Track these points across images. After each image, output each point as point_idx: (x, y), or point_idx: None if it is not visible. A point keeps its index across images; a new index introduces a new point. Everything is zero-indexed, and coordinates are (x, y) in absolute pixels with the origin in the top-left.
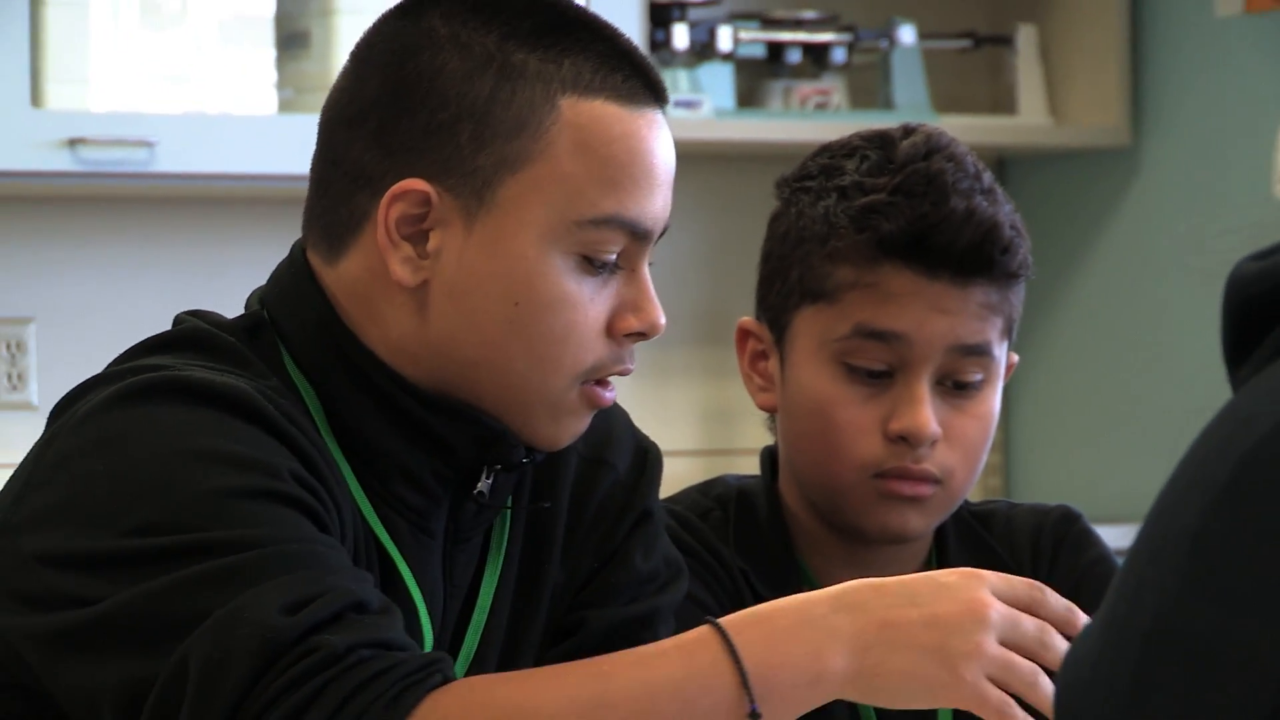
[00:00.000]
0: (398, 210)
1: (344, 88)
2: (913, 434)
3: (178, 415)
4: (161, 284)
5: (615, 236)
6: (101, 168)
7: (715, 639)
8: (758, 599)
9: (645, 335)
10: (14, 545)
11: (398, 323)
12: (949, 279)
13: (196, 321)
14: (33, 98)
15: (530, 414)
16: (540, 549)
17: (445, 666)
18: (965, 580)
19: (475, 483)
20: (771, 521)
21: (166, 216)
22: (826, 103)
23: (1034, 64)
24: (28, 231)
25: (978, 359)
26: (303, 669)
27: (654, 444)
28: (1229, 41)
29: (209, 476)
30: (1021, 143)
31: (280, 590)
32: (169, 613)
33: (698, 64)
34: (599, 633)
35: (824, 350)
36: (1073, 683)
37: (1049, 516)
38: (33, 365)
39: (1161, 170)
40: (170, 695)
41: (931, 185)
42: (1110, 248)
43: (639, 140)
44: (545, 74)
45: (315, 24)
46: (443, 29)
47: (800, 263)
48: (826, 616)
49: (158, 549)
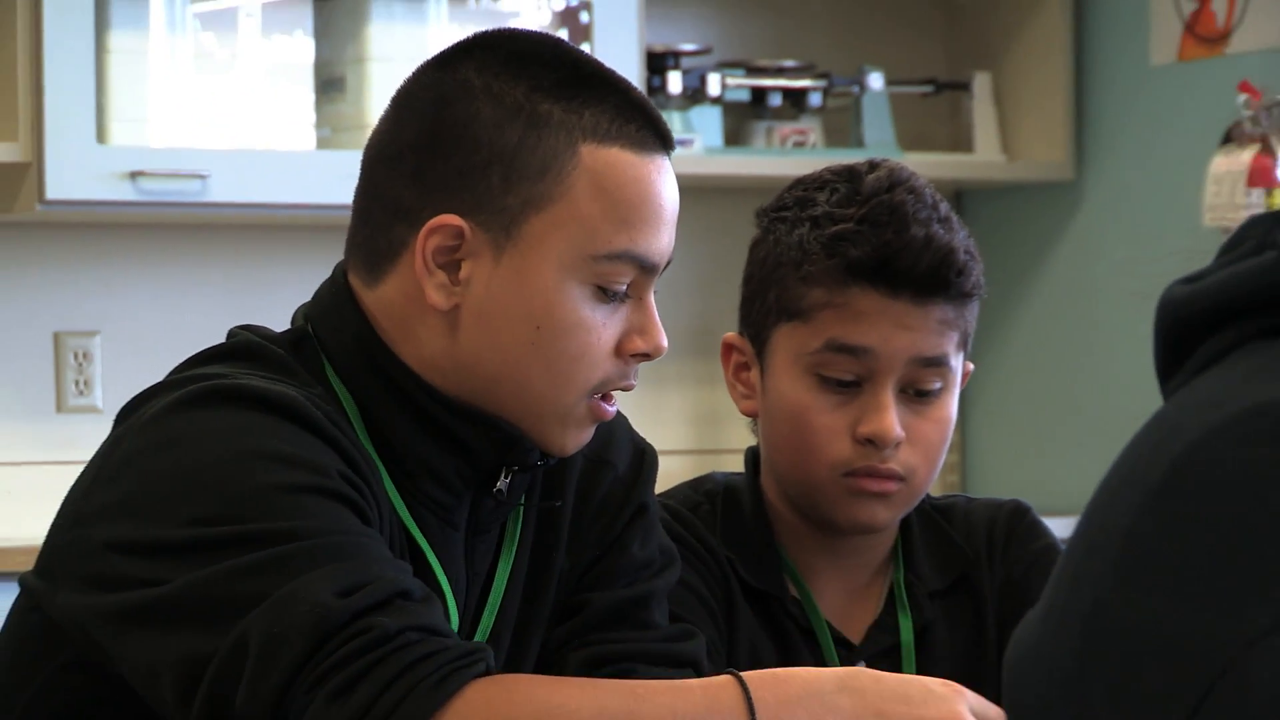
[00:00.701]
0: (434, 242)
1: (385, 130)
2: (879, 437)
3: (234, 419)
4: (212, 301)
5: (626, 269)
6: (159, 198)
7: (736, 688)
8: (742, 584)
9: (650, 356)
10: (85, 534)
11: (430, 341)
12: (910, 298)
13: (248, 335)
14: (98, 135)
15: (544, 424)
16: (549, 540)
17: (488, 656)
18: (951, 693)
19: (494, 482)
20: (754, 514)
21: (217, 241)
22: (804, 141)
23: (988, 107)
24: (94, 254)
25: (937, 369)
26: (356, 647)
27: (650, 445)
28: (1163, 86)
29: (263, 473)
30: (977, 177)
31: (331, 576)
32: (229, 595)
33: (690, 107)
34: (600, 612)
35: (799, 363)
36: (1019, 660)
37: (1002, 510)
38: (98, 373)
39: (1102, 202)
40: (229, 668)
41: (894, 215)
42: (1056, 270)
43: (649, 184)
44: (568, 123)
45: (350, 70)
46: (477, 80)
47: (777, 284)
48: (831, 694)
49: (218, 538)
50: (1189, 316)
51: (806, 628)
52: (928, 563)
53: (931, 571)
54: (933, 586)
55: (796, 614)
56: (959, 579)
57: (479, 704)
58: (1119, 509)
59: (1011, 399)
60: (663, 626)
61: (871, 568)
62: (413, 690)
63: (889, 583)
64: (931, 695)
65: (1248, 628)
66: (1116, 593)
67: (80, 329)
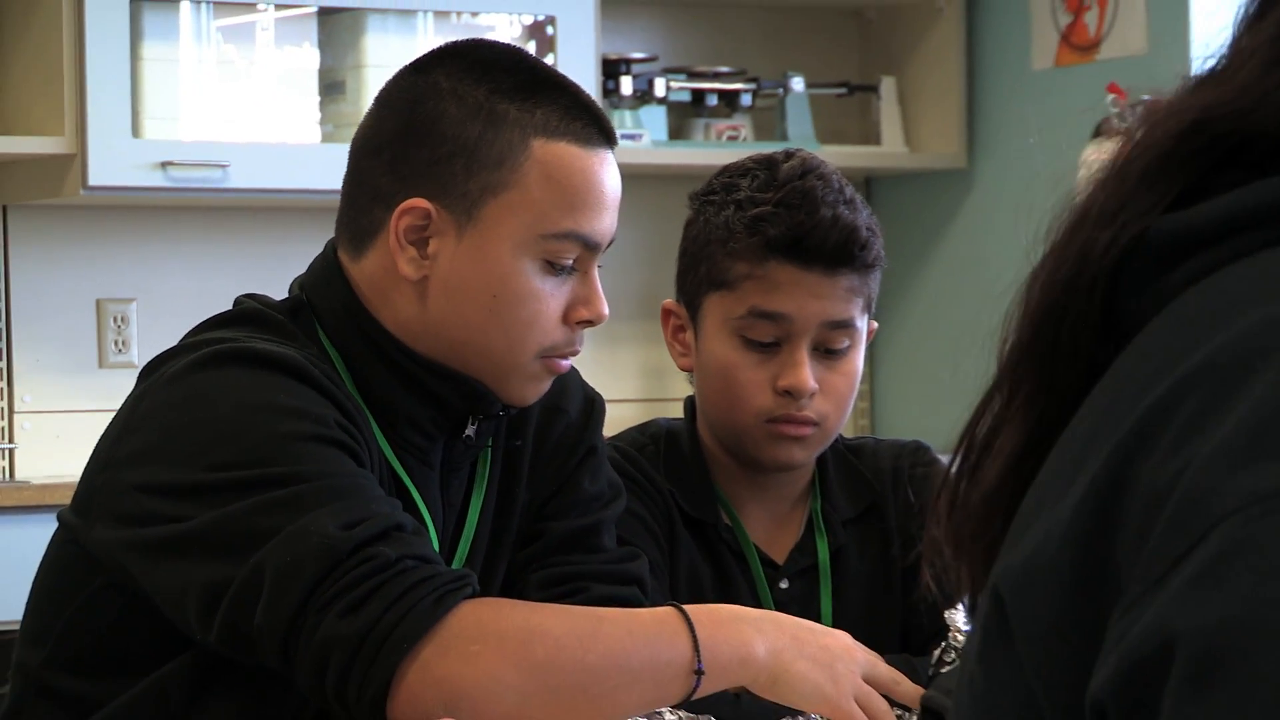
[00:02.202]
0: (405, 222)
1: (368, 125)
2: (795, 389)
3: (244, 377)
4: (231, 272)
5: (572, 247)
6: (186, 184)
7: (679, 615)
8: (682, 514)
9: (593, 323)
10: (115, 477)
11: (404, 308)
12: (821, 270)
13: (252, 303)
14: (133, 130)
15: (503, 379)
16: (513, 477)
17: (474, 581)
18: (846, 638)
19: (464, 428)
20: (692, 454)
21: (235, 221)
22: (737, 136)
23: (893, 106)
24: (130, 232)
25: (845, 330)
26: (361, 572)
27: (599, 394)
28: (1042, 87)
29: (272, 424)
30: (884, 166)
31: (336, 512)
32: (245, 529)
33: (639, 106)
34: (557, 538)
35: (726, 326)
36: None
37: (906, 448)
38: (134, 334)
39: (990, 186)
40: (246, 592)
41: (806, 199)
42: (951, 244)
43: (592, 174)
44: (522, 121)
45: (350, 75)
46: (445, 83)
47: (707, 259)
48: (756, 620)
49: (234, 481)
50: (1187, 231)
51: (737, 551)
52: (841, 494)
53: (844, 502)
54: (845, 515)
55: (729, 539)
56: (868, 508)
57: (470, 621)
58: (1145, 392)
59: (914, 354)
60: (611, 550)
61: (792, 498)
62: (413, 608)
63: (808, 511)
64: (833, 634)
65: (1254, 485)
66: (1136, 456)
67: (119, 296)
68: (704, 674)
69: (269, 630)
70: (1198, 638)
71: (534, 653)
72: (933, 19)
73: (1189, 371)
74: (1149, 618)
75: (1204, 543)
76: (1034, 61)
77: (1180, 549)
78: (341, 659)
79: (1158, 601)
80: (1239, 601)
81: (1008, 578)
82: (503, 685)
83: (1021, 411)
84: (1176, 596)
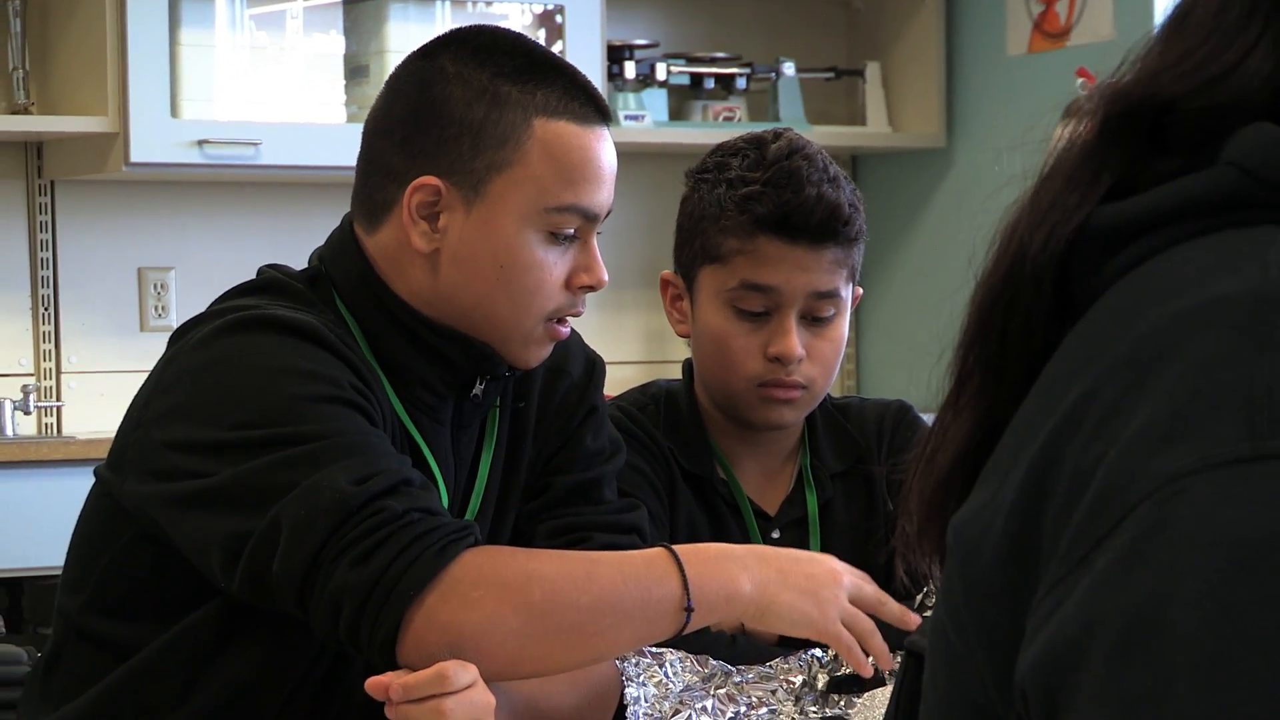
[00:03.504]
0: (417, 198)
1: (380, 108)
2: (784, 356)
3: (266, 342)
4: (262, 242)
5: (572, 218)
6: (221, 161)
7: (669, 556)
8: (681, 469)
9: (593, 288)
10: (145, 435)
11: (416, 278)
12: (807, 245)
13: (274, 272)
14: (172, 111)
15: (509, 343)
16: (520, 436)
17: (476, 531)
18: (832, 561)
19: (472, 388)
20: (689, 413)
21: (266, 196)
22: (733, 116)
23: (878, 89)
24: (169, 206)
25: (830, 299)
26: (371, 524)
27: (600, 356)
28: (1016, 72)
29: (291, 386)
30: (869, 145)
31: (348, 469)
32: (265, 484)
33: (642, 89)
34: (561, 491)
35: (719, 297)
36: (971, 514)
37: (889, 408)
38: (173, 300)
39: (968, 164)
40: (265, 543)
41: (792, 178)
42: (933, 217)
43: (589, 151)
44: (523, 102)
45: (373, 60)
46: (451, 68)
47: (701, 235)
48: (742, 557)
49: (255, 439)
50: (1122, 223)
51: (732, 503)
52: (829, 450)
53: (832, 457)
54: (833, 469)
55: (724, 492)
56: (854, 463)
57: (471, 568)
58: (1076, 378)
59: (897, 319)
60: (612, 501)
61: (783, 454)
62: (419, 557)
63: (798, 466)
64: (816, 561)
65: (1167, 467)
66: (1065, 439)
67: (158, 265)
68: (694, 611)
69: (285, 579)
70: (1118, 618)
71: (532, 596)
72: (915, 8)
73: (1110, 362)
74: (1071, 604)
75: (1123, 525)
76: (1009, 48)
77: (1102, 530)
78: (353, 606)
79: (1082, 584)
80: (1153, 581)
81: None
82: (503, 628)
83: (971, 402)
84: (1099, 579)
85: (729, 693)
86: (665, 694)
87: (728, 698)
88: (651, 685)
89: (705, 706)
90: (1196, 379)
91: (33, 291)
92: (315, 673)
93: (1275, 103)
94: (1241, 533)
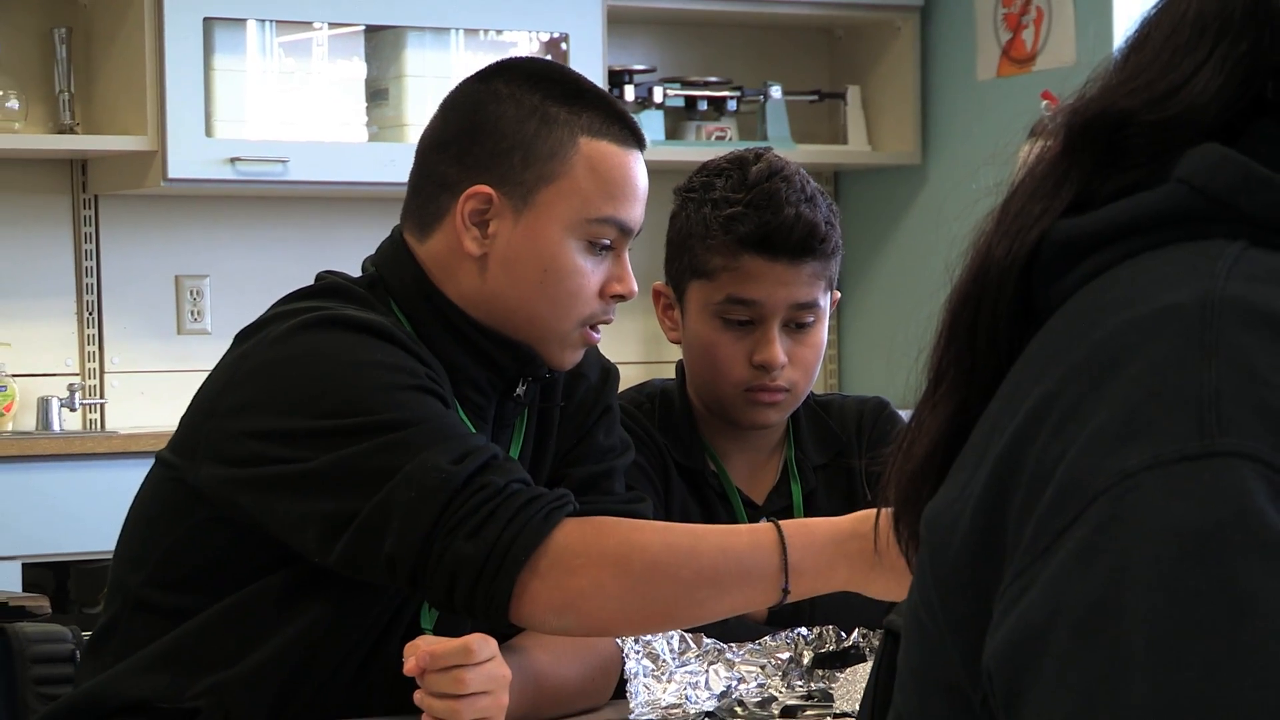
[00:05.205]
0: (470, 206)
1: (435, 126)
2: (768, 363)
3: (344, 339)
4: (290, 253)
5: (610, 230)
6: (252, 177)
7: (774, 533)
8: (675, 463)
9: (624, 297)
10: (221, 424)
11: (466, 281)
12: (787, 261)
13: (335, 277)
14: (206, 130)
15: (549, 345)
16: (545, 433)
17: (573, 499)
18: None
19: (514, 389)
20: (682, 412)
21: (294, 210)
22: (724, 136)
23: (858, 110)
24: (204, 219)
25: (810, 309)
26: (477, 500)
27: (614, 365)
28: (986, 94)
29: (373, 377)
30: (850, 162)
31: (444, 451)
32: (367, 467)
33: (640, 111)
34: (577, 482)
35: (707, 309)
36: (943, 501)
37: (868, 404)
38: (208, 306)
39: (941, 180)
40: (373, 523)
41: (771, 200)
42: (909, 228)
43: (628, 170)
44: (570, 122)
45: (392, 84)
46: (503, 90)
47: (688, 251)
48: (845, 540)
49: (347, 426)
50: (1080, 237)
51: (722, 493)
52: (812, 444)
53: (815, 451)
54: (815, 462)
55: (715, 484)
56: (835, 456)
57: (575, 535)
58: (1039, 381)
59: (877, 321)
60: (621, 492)
61: (769, 448)
62: (526, 525)
63: (783, 459)
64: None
65: (1121, 464)
66: (1028, 438)
67: (194, 273)
68: (789, 592)
69: (400, 558)
70: (1077, 605)
71: (632, 566)
72: (892, 36)
73: (1070, 366)
74: (1034, 593)
75: (1081, 518)
76: (979, 73)
77: (1062, 523)
78: (469, 576)
79: (1043, 574)
80: (1109, 570)
81: (930, 530)
82: (603, 593)
83: (945, 399)
84: (1059, 570)
85: (721, 668)
86: (662, 669)
87: (720, 672)
88: (649, 660)
89: (700, 681)
90: (1149, 383)
91: (78, 298)
92: (365, 643)
93: (1223, 117)
94: (1191, 523)
